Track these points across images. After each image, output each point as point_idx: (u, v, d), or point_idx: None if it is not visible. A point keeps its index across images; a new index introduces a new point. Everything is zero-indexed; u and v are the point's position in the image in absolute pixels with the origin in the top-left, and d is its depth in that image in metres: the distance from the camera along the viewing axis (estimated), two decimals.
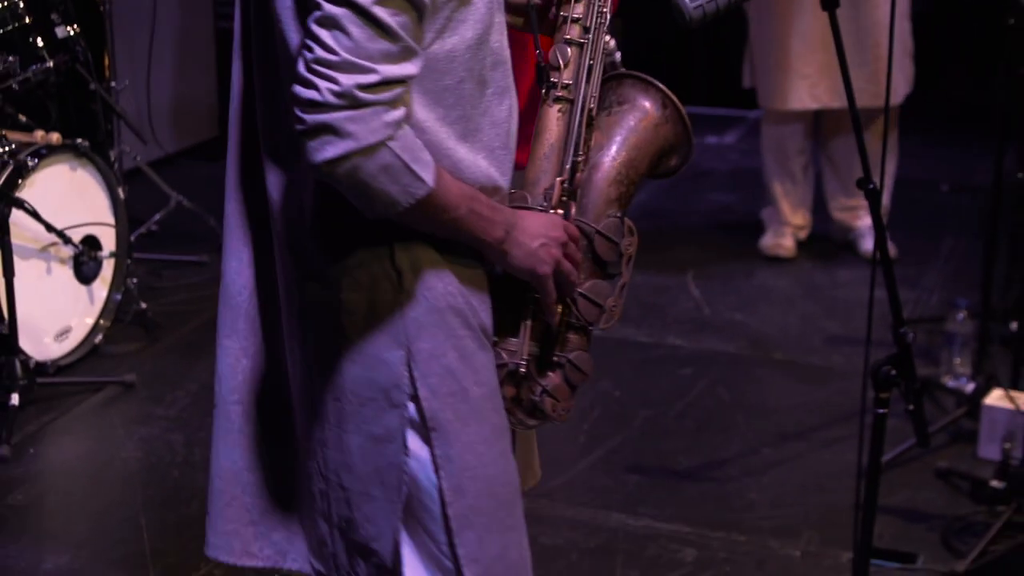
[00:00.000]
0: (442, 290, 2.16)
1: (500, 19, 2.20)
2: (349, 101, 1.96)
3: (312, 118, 1.98)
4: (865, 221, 5.62)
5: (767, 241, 5.70)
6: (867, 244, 5.61)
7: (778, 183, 5.66)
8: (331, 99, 1.96)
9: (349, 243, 2.15)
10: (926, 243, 5.82)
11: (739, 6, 2.46)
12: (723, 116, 7.33)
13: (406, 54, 2.00)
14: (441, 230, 2.13)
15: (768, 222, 5.74)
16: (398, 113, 2.01)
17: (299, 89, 1.99)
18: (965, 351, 4.52)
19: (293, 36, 2.09)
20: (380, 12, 1.96)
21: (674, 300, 5.33)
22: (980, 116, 5.11)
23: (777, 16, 5.36)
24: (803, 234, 5.73)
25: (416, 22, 2.01)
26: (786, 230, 5.68)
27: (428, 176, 2.04)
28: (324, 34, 1.97)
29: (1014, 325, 4.45)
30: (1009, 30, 3.92)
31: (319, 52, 1.97)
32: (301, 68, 1.99)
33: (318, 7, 1.98)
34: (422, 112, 2.09)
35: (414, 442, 2.18)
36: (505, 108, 2.23)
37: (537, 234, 2.20)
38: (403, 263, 2.14)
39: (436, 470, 2.18)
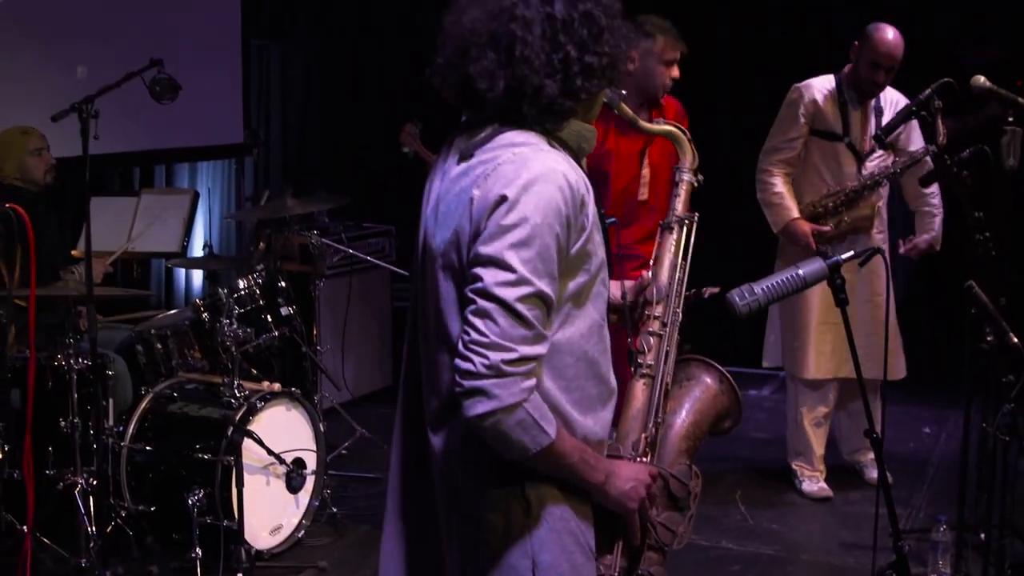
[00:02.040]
0: (559, 516, 2.17)
1: (605, 317, 2.26)
2: (496, 372, 2.01)
3: (468, 383, 2.02)
4: (869, 456, 5.52)
5: (810, 488, 5.41)
6: (871, 473, 5.49)
7: (813, 439, 5.42)
8: (482, 370, 2.01)
9: (491, 480, 2.17)
10: (914, 472, 5.70)
11: (777, 302, 2.50)
12: (760, 374, 7.27)
13: (538, 338, 2.05)
14: (558, 472, 2.15)
15: (800, 472, 5.47)
16: (531, 382, 2.05)
17: (459, 362, 2.04)
18: (946, 555, 4.40)
19: (453, 324, 2.14)
20: (520, 307, 2.02)
21: (726, 513, 5.25)
22: (954, 379, 5.04)
23: (802, 306, 5.26)
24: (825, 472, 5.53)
25: (546, 315, 2.07)
26: (819, 475, 5.44)
27: (552, 430, 2.08)
28: (478, 322, 2.03)
29: (983, 536, 4.34)
30: (970, 317, 3.91)
31: (474, 335, 2.02)
32: (460, 347, 2.04)
33: (474, 302, 2.04)
34: (548, 382, 2.12)
35: None
36: (608, 384, 2.26)
37: (628, 478, 2.23)
38: (531, 496, 2.16)
39: None
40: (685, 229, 2.53)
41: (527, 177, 2.06)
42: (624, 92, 2.49)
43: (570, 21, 2.12)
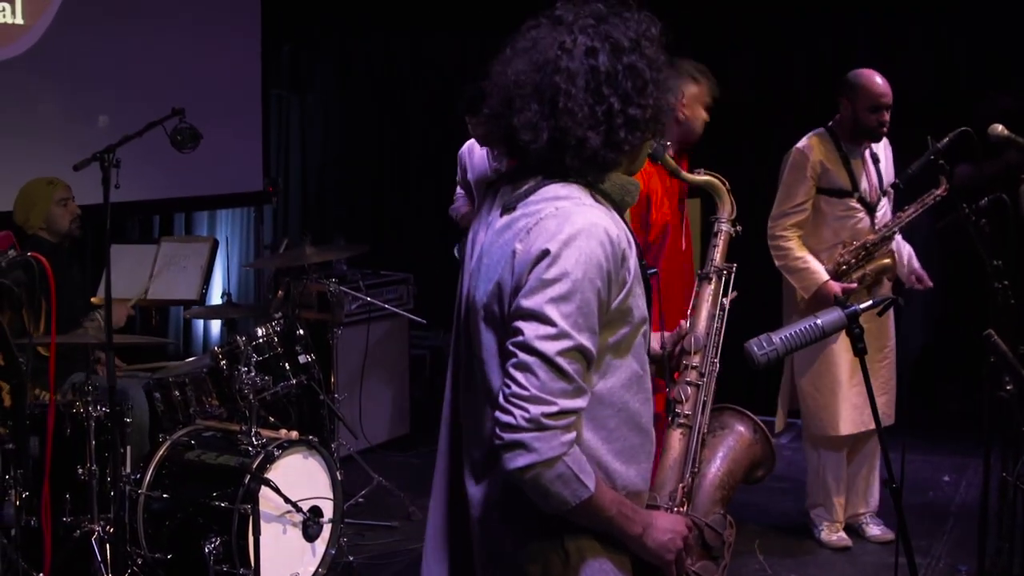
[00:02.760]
0: (597, 568, 2.17)
1: (646, 368, 2.25)
2: (536, 425, 2.01)
3: (509, 436, 2.03)
4: (867, 513, 5.45)
5: (830, 538, 5.34)
6: (872, 530, 5.40)
7: (835, 491, 5.34)
8: (523, 423, 2.02)
9: (531, 532, 2.16)
10: (934, 521, 5.65)
11: (795, 351, 2.50)
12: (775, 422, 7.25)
13: (578, 392, 2.05)
14: (596, 525, 2.14)
15: (819, 521, 5.40)
16: (571, 436, 2.05)
17: (499, 415, 2.05)
18: None
19: (494, 376, 2.15)
20: (560, 360, 2.02)
21: (745, 562, 5.18)
22: (972, 425, 5.01)
23: (830, 364, 5.20)
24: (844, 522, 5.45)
25: (586, 369, 2.07)
26: (838, 526, 5.37)
27: (591, 484, 2.08)
28: (519, 375, 2.03)
29: None
30: (990, 365, 3.88)
31: (515, 388, 2.03)
32: (501, 400, 2.05)
33: (515, 355, 2.05)
34: (588, 434, 2.13)
35: None
36: (651, 435, 2.26)
37: (666, 530, 2.22)
38: (571, 548, 2.15)
39: None
40: (723, 280, 2.54)
41: (569, 232, 2.06)
42: (668, 143, 2.49)
43: (614, 74, 2.13)
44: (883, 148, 5.25)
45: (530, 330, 2.04)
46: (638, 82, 2.15)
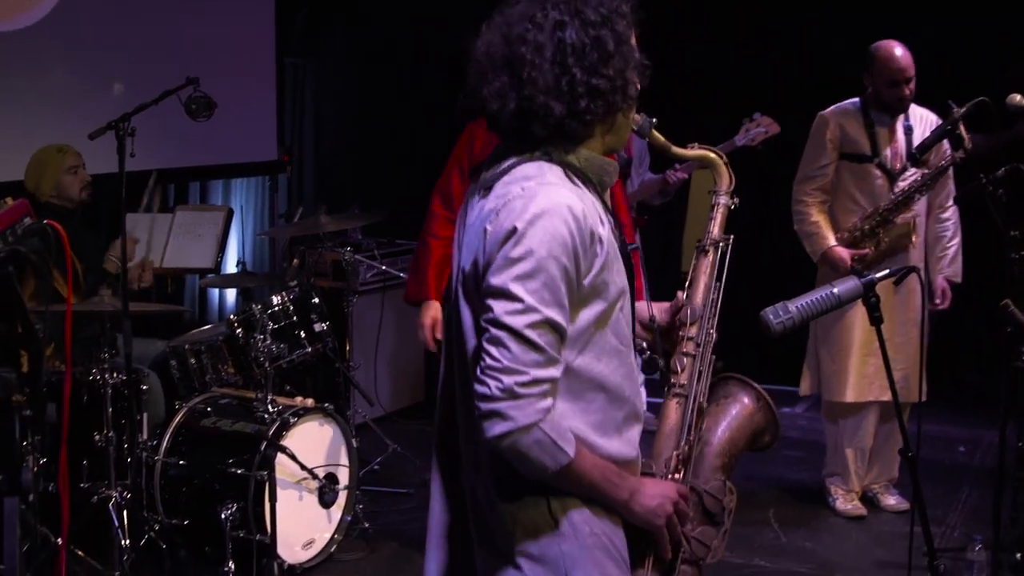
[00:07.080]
0: (588, 531, 2.22)
1: (628, 345, 2.28)
2: (510, 394, 2.08)
3: (485, 406, 2.10)
4: (883, 483, 5.46)
5: (844, 506, 5.37)
6: (887, 500, 5.43)
7: (852, 460, 5.36)
8: (497, 393, 2.09)
9: (518, 498, 2.22)
10: (949, 491, 5.67)
11: (811, 320, 2.51)
12: (793, 392, 7.25)
13: (551, 362, 2.12)
14: (580, 490, 2.20)
15: (835, 490, 5.43)
16: (546, 403, 2.11)
17: (476, 386, 2.12)
18: (981, 575, 4.37)
19: (472, 347, 2.22)
20: (530, 333, 2.09)
21: (759, 531, 5.22)
22: (989, 395, 5.01)
23: (843, 330, 5.22)
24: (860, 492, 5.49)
25: (559, 340, 2.13)
26: (853, 495, 5.40)
27: (570, 449, 2.14)
28: (492, 349, 2.11)
29: (1018, 555, 4.31)
30: (1006, 336, 3.89)
31: (489, 361, 2.11)
32: (478, 372, 2.13)
33: (487, 331, 2.13)
34: (565, 406, 2.18)
35: None
36: (633, 405, 2.29)
37: (654, 495, 2.27)
38: (558, 512, 2.20)
39: None
40: (720, 252, 2.56)
41: (533, 211, 2.12)
42: (654, 120, 2.47)
43: (580, 46, 2.18)
44: (920, 119, 5.21)
45: (499, 307, 2.11)
46: (603, 54, 2.19)
